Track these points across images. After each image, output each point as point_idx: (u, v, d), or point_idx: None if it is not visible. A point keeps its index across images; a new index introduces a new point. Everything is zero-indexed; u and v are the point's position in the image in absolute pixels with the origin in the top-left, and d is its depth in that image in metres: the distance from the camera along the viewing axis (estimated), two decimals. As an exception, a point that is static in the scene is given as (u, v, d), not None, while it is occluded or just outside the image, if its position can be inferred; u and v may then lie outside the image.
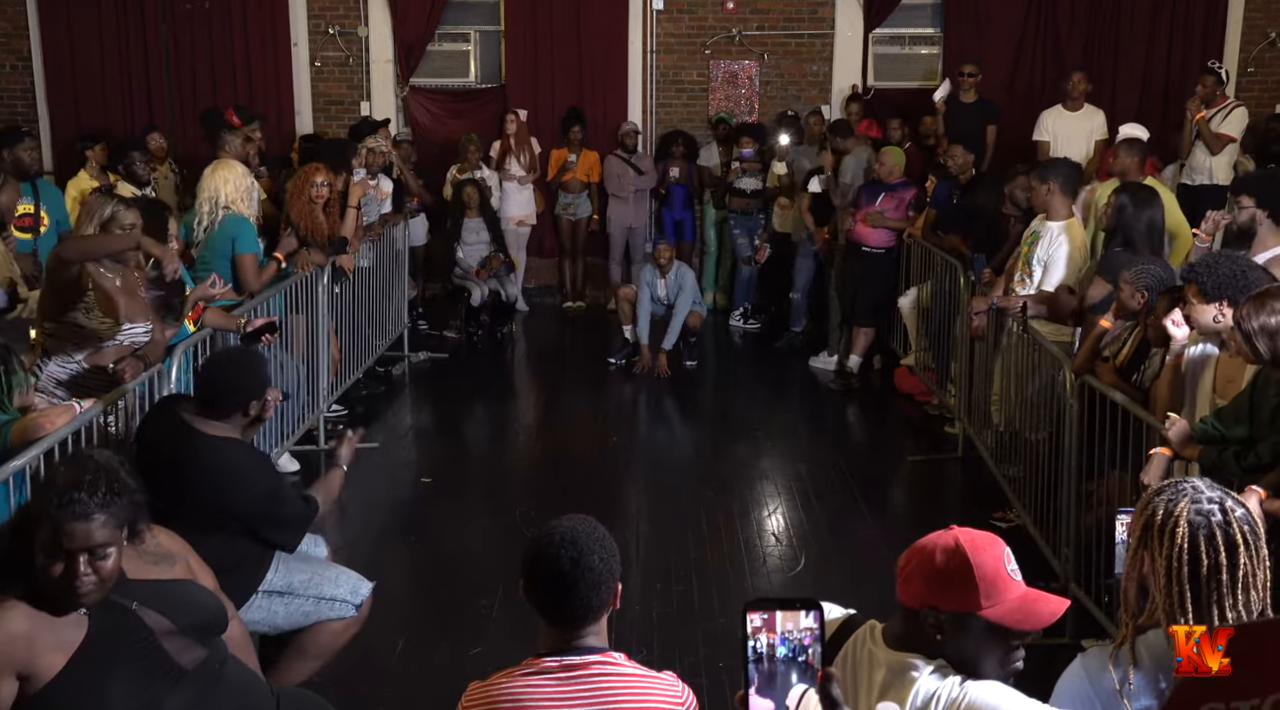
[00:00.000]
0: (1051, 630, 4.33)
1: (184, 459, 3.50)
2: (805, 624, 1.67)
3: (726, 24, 10.09)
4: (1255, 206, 4.81)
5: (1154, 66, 9.85)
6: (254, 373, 3.64)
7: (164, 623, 2.57)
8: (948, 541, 2.00)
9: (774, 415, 7.63)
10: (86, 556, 2.42)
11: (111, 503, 2.46)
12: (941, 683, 1.95)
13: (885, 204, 7.84)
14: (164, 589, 2.70)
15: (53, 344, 4.21)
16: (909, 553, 2.05)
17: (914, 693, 1.95)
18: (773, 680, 1.70)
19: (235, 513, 3.50)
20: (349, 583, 3.72)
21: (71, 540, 2.40)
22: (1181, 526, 2.00)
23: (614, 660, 2.32)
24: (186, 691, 2.54)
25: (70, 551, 2.40)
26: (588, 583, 2.28)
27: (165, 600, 2.63)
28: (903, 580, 2.04)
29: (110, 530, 2.46)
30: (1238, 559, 1.99)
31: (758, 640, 1.67)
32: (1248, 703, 1.77)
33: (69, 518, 2.41)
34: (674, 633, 4.39)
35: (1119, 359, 4.56)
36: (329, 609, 3.65)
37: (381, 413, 7.39)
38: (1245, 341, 3.33)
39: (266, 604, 3.61)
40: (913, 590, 2.01)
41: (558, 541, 2.31)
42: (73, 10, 9.89)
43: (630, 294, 8.38)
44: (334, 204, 6.66)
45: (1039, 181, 5.62)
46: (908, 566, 2.03)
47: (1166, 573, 2.00)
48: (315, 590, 3.65)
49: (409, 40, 10.07)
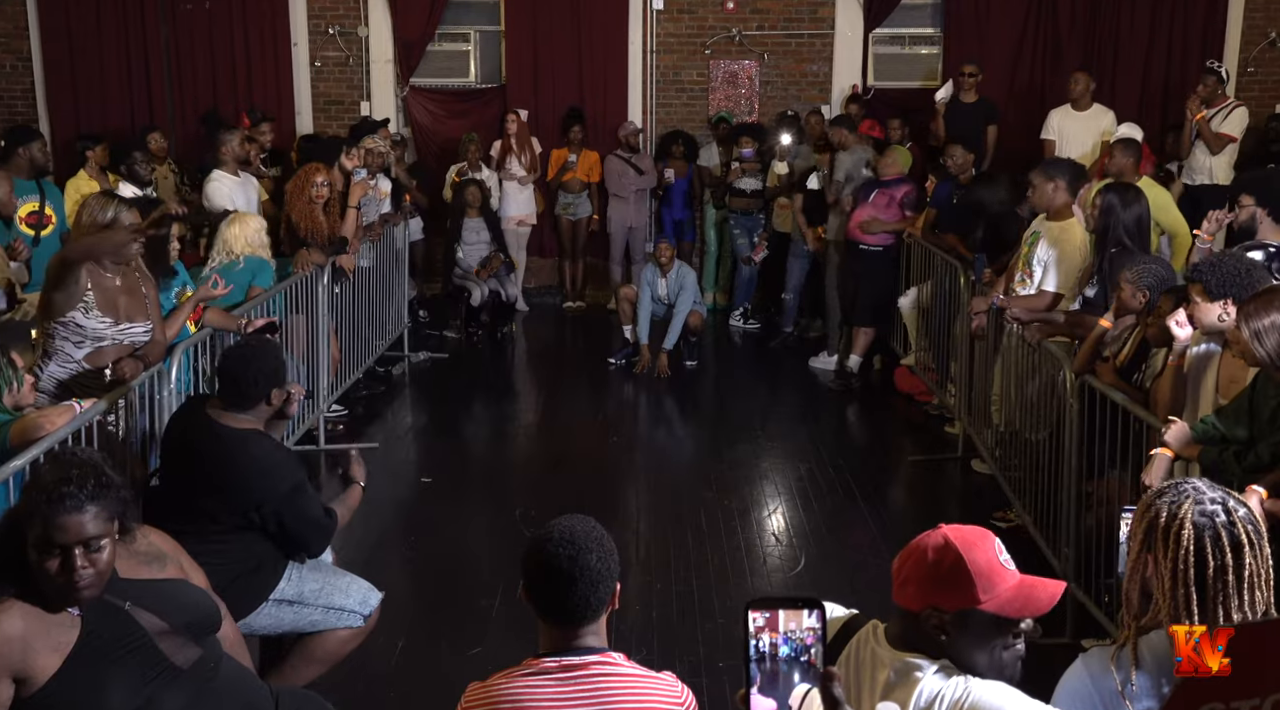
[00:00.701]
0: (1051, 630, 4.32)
1: (210, 454, 3.52)
2: (808, 623, 1.66)
3: (726, 24, 10.10)
4: (1255, 205, 4.81)
5: (1154, 66, 9.85)
6: (271, 360, 3.65)
7: (158, 622, 2.57)
8: (938, 541, 2.00)
9: (774, 415, 7.63)
10: (81, 550, 2.43)
11: (101, 495, 2.47)
12: (945, 683, 1.95)
13: (878, 201, 7.84)
14: (156, 588, 2.70)
15: (53, 344, 4.21)
16: (902, 555, 2.06)
17: (918, 693, 1.95)
18: (775, 680, 1.70)
19: (261, 506, 3.48)
20: (359, 593, 3.71)
21: (65, 534, 2.41)
22: (1187, 529, 2.00)
23: (613, 660, 2.32)
24: (183, 691, 2.54)
25: (65, 546, 2.41)
26: (586, 582, 2.28)
27: (158, 600, 2.63)
28: (899, 583, 2.04)
29: (102, 523, 2.47)
30: (1243, 559, 1.99)
31: (760, 639, 1.66)
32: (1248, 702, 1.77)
33: (61, 512, 2.42)
34: (674, 633, 4.39)
35: (1119, 359, 4.56)
36: (337, 619, 3.64)
37: (381, 413, 7.40)
38: (1252, 340, 3.33)
39: (276, 612, 3.60)
40: (910, 592, 2.01)
41: (556, 540, 2.31)
42: (73, 10, 9.89)
43: (631, 294, 8.38)
44: (334, 204, 6.66)
45: (1045, 179, 5.60)
46: (903, 569, 2.04)
47: (1172, 576, 2.00)
48: (325, 600, 3.64)
49: (409, 40, 10.07)
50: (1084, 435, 4.48)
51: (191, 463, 3.57)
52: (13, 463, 3.36)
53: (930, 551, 2.00)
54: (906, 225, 7.74)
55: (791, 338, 8.95)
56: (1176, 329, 3.90)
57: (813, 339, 8.84)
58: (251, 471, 3.50)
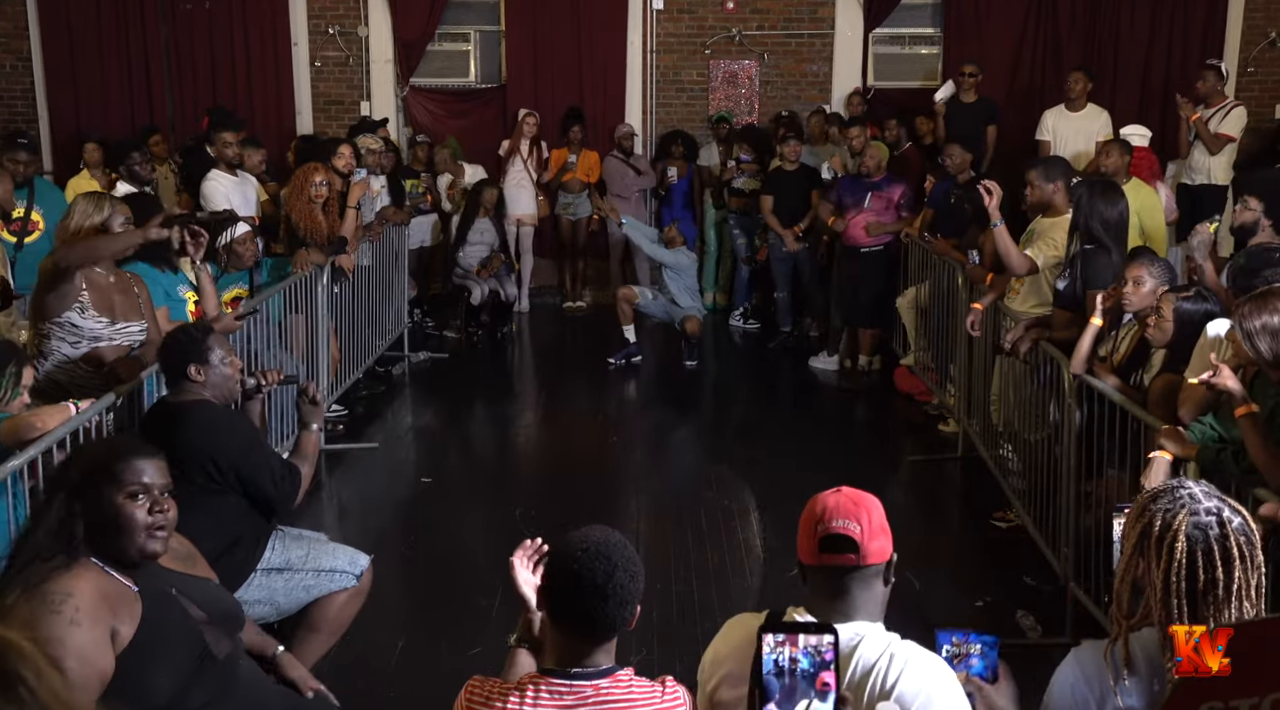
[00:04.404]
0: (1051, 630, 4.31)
1: (161, 429, 3.61)
2: (827, 640, 1.72)
3: (726, 24, 10.10)
4: (1262, 213, 4.81)
5: (1154, 66, 9.85)
6: (181, 338, 3.77)
7: (199, 612, 2.64)
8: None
9: (774, 415, 7.63)
10: (162, 494, 2.57)
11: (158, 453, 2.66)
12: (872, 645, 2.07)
13: (874, 205, 7.85)
14: (193, 582, 2.76)
15: (48, 345, 4.21)
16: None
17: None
18: (793, 695, 1.74)
19: (216, 461, 3.55)
20: (346, 555, 3.76)
21: (148, 474, 2.56)
22: (1180, 542, 2.00)
23: (621, 684, 2.24)
24: (216, 681, 2.60)
25: (147, 486, 2.55)
26: (616, 600, 2.20)
27: (196, 592, 2.70)
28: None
29: (169, 476, 2.63)
30: (1233, 572, 1.99)
31: (779, 653, 1.71)
32: (1247, 701, 1.77)
33: (145, 455, 2.60)
34: (674, 633, 4.39)
35: (1117, 358, 4.55)
36: (329, 581, 3.68)
37: (381, 413, 7.39)
38: (1245, 340, 3.33)
39: (266, 581, 3.63)
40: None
41: (592, 553, 2.20)
42: (73, 10, 9.89)
43: (630, 294, 8.39)
44: (334, 204, 6.66)
45: (1045, 181, 5.59)
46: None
47: (1164, 586, 2.00)
48: (313, 563, 3.68)
49: (409, 40, 10.07)
50: (1083, 435, 4.48)
51: (160, 446, 3.65)
52: (11, 462, 3.35)
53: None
54: (904, 226, 7.75)
55: (790, 338, 8.94)
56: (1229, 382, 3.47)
57: (812, 339, 8.84)
58: (195, 432, 3.59)
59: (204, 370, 3.69)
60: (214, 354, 3.72)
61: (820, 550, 2.15)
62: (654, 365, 8.47)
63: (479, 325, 9.10)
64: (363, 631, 3.96)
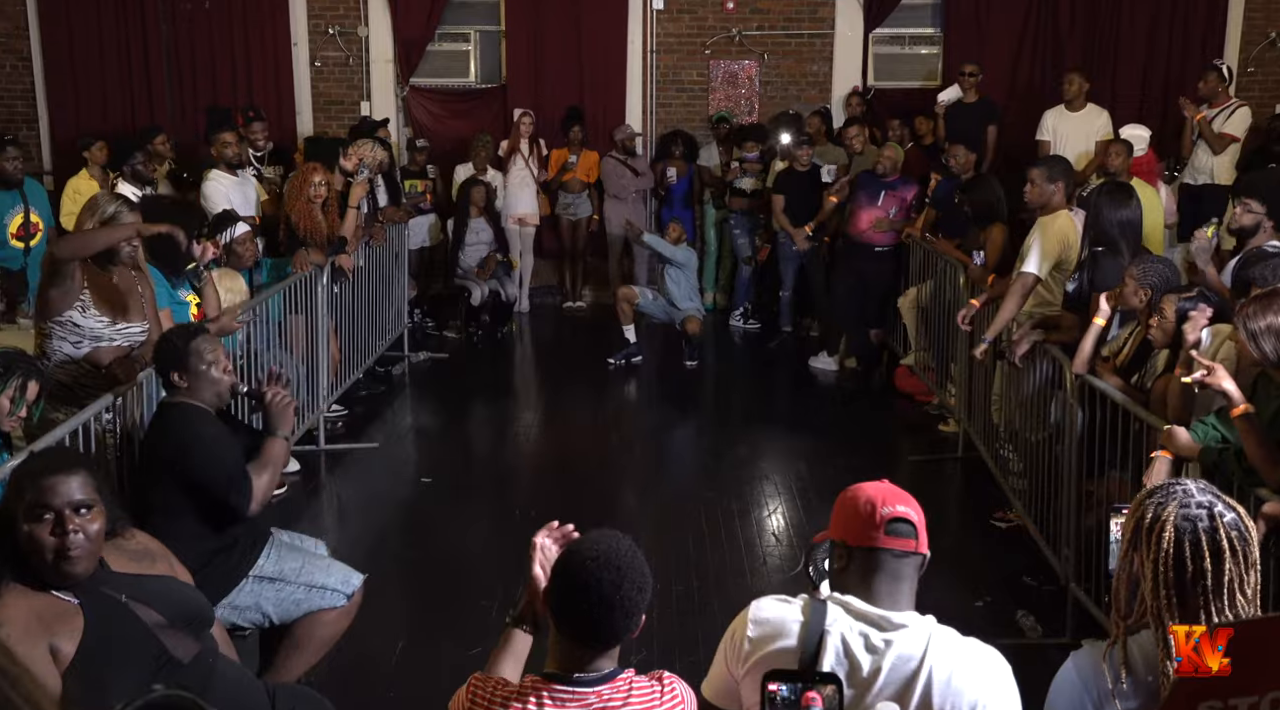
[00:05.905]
0: (1051, 630, 4.31)
1: (150, 431, 3.73)
2: (829, 690, 1.90)
3: (726, 24, 10.09)
4: (1265, 216, 4.80)
5: (1154, 66, 9.84)
6: (166, 345, 3.78)
7: (155, 616, 2.59)
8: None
9: (774, 415, 7.63)
10: (71, 512, 2.47)
11: (86, 465, 2.57)
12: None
13: (888, 204, 7.85)
14: (150, 583, 2.71)
15: (50, 344, 4.20)
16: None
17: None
18: None
19: (176, 469, 3.56)
20: (340, 572, 3.73)
21: (55, 496, 2.47)
22: (1168, 531, 1.99)
23: (620, 688, 2.23)
24: (185, 684, 2.54)
25: (56, 509, 2.46)
26: (622, 611, 2.19)
27: (153, 594, 2.65)
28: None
29: (89, 491, 2.52)
30: (1223, 566, 1.97)
31: (779, 691, 1.92)
32: (1246, 700, 1.77)
33: (49, 474, 2.49)
34: (674, 633, 4.38)
35: (1119, 359, 4.55)
36: (320, 597, 3.65)
37: (381, 413, 7.39)
38: (1249, 341, 3.32)
39: (256, 589, 3.61)
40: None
41: (601, 562, 2.19)
42: (73, 10, 9.89)
43: (630, 294, 8.38)
44: (333, 204, 6.66)
45: (1048, 180, 5.58)
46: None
47: (1153, 577, 2.00)
48: (306, 578, 3.65)
49: (409, 40, 10.07)
50: (1084, 435, 4.48)
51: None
52: (10, 463, 3.35)
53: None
54: (905, 225, 7.75)
55: (790, 338, 8.93)
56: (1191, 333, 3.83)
57: (812, 339, 8.84)
58: (159, 435, 3.68)
59: (185, 376, 3.69)
60: (198, 359, 3.68)
61: (886, 533, 2.19)
62: (654, 365, 8.47)
63: (479, 325, 9.10)
64: (363, 632, 3.95)
